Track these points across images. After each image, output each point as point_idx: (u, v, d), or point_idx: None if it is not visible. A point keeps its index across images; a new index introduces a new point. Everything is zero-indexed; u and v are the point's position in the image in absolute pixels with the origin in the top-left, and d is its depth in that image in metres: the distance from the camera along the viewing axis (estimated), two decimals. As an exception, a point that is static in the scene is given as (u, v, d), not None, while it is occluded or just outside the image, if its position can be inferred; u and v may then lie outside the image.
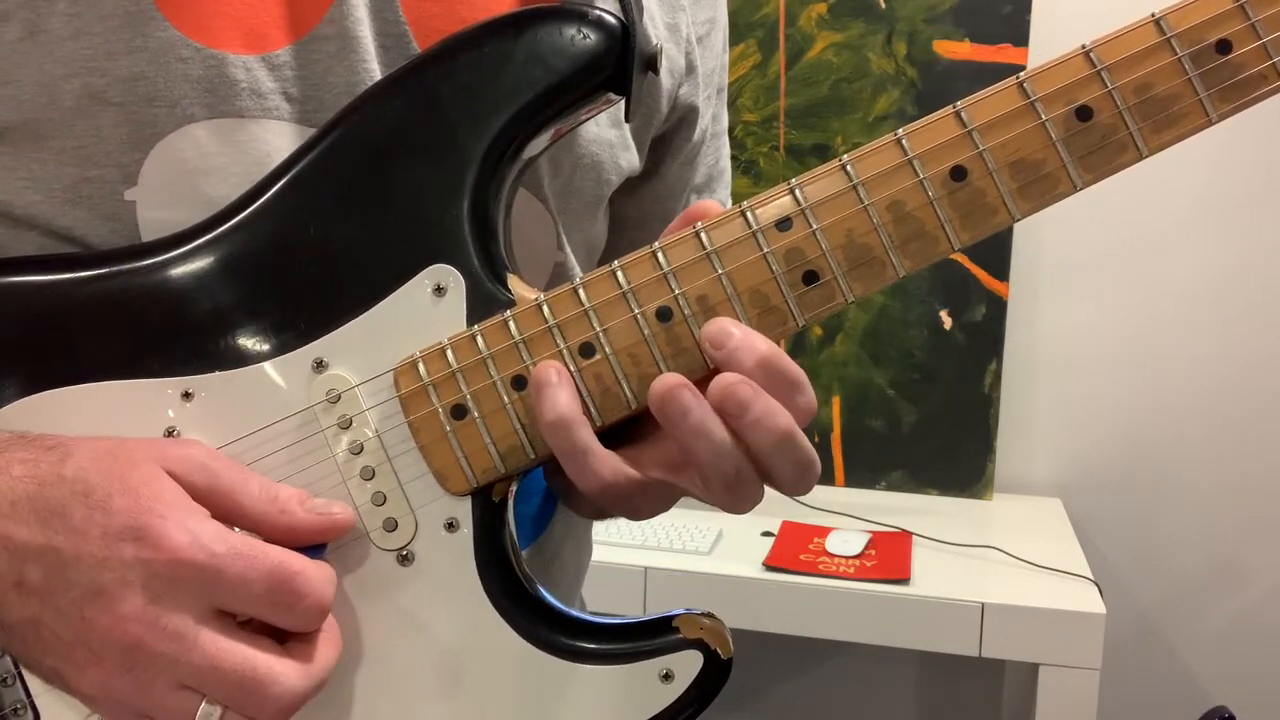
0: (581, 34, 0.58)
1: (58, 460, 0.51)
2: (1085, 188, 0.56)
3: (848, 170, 0.56)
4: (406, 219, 0.58)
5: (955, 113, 0.55)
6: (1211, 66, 0.54)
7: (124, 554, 0.49)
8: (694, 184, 0.82)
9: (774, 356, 0.54)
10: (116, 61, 0.57)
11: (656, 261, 0.56)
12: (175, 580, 0.49)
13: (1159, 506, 2.01)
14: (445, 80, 0.58)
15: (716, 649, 0.56)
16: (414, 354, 0.57)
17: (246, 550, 0.50)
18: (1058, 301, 2.03)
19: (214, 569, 0.49)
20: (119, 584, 0.49)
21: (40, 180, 0.59)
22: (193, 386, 0.57)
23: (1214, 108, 0.55)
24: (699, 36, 0.76)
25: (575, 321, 0.56)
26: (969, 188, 0.55)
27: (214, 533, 0.50)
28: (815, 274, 0.56)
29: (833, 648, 2.06)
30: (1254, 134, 1.90)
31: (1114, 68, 0.55)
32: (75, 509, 0.50)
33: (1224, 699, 1.90)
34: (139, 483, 0.50)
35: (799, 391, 0.54)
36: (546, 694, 0.57)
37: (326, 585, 0.52)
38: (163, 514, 0.49)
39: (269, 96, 0.59)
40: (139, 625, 0.49)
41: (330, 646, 0.53)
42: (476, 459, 0.56)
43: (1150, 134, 0.55)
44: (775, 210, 0.56)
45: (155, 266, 0.58)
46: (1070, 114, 0.55)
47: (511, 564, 0.58)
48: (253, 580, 0.50)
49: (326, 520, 0.54)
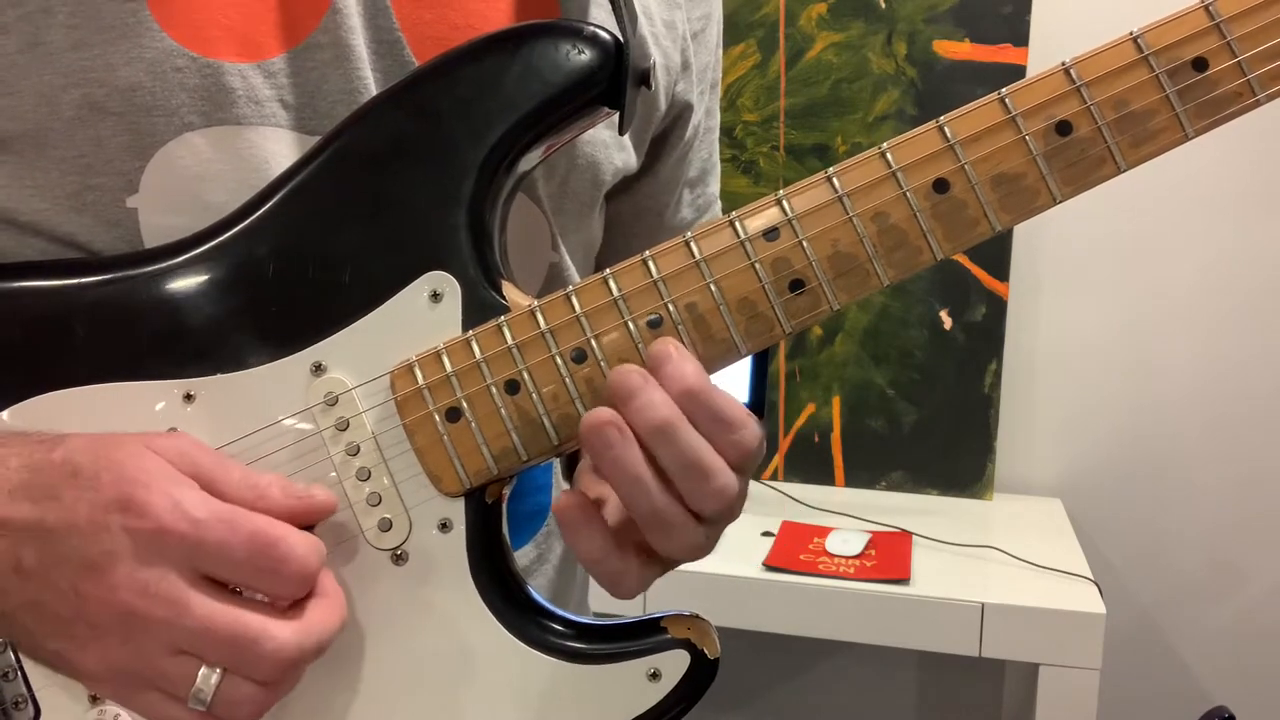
0: (577, 49, 0.59)
1: (48, 448, 0.53)
2: (1065, 200, 0.57)
3: (833, 182, 0.57)
4: (404, 227, 0.59)
5: (938, 127, 0.57)
6: (1188, 84, 0.56)
7: (111, 525, 0.50)
8: (687, 178, 0.83)
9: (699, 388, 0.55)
10: (115, 72, 0.58)
11: (647, 269, 0.57)
12: (161, 547, 0.50)
13: (1159, 506, 2.01)
14: (444, 93, 0.60)
15: (703, 648, 0.58)
16: (410, 358, 0.58)
17: (228, 516, 0.51)
18: (1058, 301, 2.03)
19: (196, 535, 0.50)
20: (108, 555, 0.50)
21: (43, 188, 0.60)
22: (194, 388, 0.58)
23: (1190, 124, 0.56)
24: (694, 32, 0.77)
25: (567, 327, 0.57)
26: (951, 200, 0.57)
27: (196, 500, 0.51)
28: (801, 282, 0.57)
29: (833, 648, 2.06)
30: (1254, 135, 1.90)
31: (1093, 84, 0.56)
32: (65, 489, 0.51)
33: (1224, 699, 1.90)
34: (124, 458, 0.52)
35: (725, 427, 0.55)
36: (536, 692, 0.58)
37: (310, 552, 0.53)
38: (146, 483, 0.51)
39: (265, 104, 0.60)
40: (129, 593, 0.50)
41: (328, 611, 0.54)
42: (470, 460, 0.57)
43: (1128, 149, 0.57)
44: (763, 220, 0.57)
45: (158, 272, 0.59)
46: (1050, 129, 0.56)
47: (504, 564, 0.59)
48: (234, 545, 0.51)
49: (305, 503, 0.55)
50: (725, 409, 0.55)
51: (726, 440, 0.55)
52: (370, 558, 0.58)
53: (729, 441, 0.55)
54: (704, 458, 0.54)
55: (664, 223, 0.82)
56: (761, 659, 2.14)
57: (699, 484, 0.54)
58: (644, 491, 0.54)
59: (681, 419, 0.54)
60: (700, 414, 0.54)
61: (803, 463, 2.09)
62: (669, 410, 0.54)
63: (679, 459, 0.54)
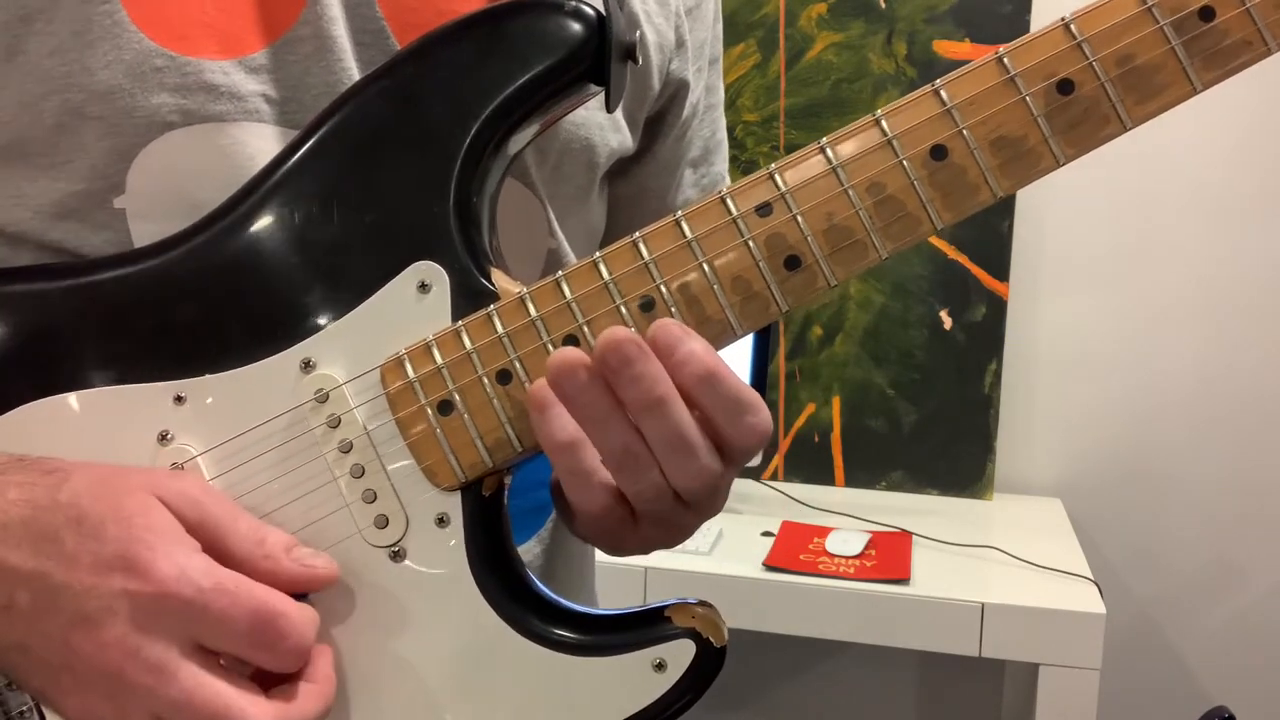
0: (559, 25, 0.58)
1: (54, 485, 0.52)
2: (1068, 162, 0.55)
3: (827, 153, 0.55)
4: (390, 217, 0.58)
5: (934, 91, 0.55)
6: (1195, 34, 0.54)
7: (112, 583, 0.49)
8: (689, 158, 0.81)
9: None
10: (93, 76, 0.57)
11: (638, 251, 0.56)
12: (159, 612, 0.49)
13: (1159, 506, 2.01)
14: (425, 77, 0.59)
15: (710, 637, 0.56)
16: (399, 351, 0.57)
17: (232, 587, 0.50)
18: (1058, 301, 2.02)
19: (199, 604, 0.49)
20: (105, 612, 0.49)
21: (29, 197, 0.59)
22: (184, 390, 0.57)
23: (1198, 76, 0.54)
24: (689, 9, 0.76)
25: (558, 314, 0.56)
26: (950, 167, 0.55)
27: (202, 567, 0.50)
28: (797, 259, 0.55)
29: (833, 648, 2.06)
30: (1254, 134, 1.90)
31: (1095, 39, 0.54)
32: (68, 535, 0.50)
33: (1224, 699, 1.90)
34: (132, 511, 0.51)
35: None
36: (540, 686, 0.57)
37: (308, 628, 0.52)
38: (152, 545, 0.50)
39: (248, 99, 0.60)
40: (120, 654, 0.49)
41: (313, 700, 0.53)
42: (464, 453, 0.57)
43: (1133, 105, 0.54)
44: (755, 196, 0.56)
45: (142, 273, 0.58)
46: (1051, 88, 0.54)
47: (504, 557, 0.58)
48: (236, 618, 0.50)
49: (308, 572, 0.54)
50: (742, 392, 0.53)
51: (747, 424, 0.53)
52: (367, 555, 0.57)
53: (749, 425, 0.53)
54: (691, 434, 0.53)
55: (667, 205, 0.80)
56: (761, 659, 2.14)
57: (682, 460, 0.53)
58: (615, 427, 0.53)
59: (675, 396, 0.52)
60: (719, 398, 0.53)
61: (803, 463, 2.09)
62: (665, 388, 0.52)
63: (665, 434, 0.53)
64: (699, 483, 0.54)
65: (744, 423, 0.53)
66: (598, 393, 0.53)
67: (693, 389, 0.53)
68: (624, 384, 0.52)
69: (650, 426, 0.53)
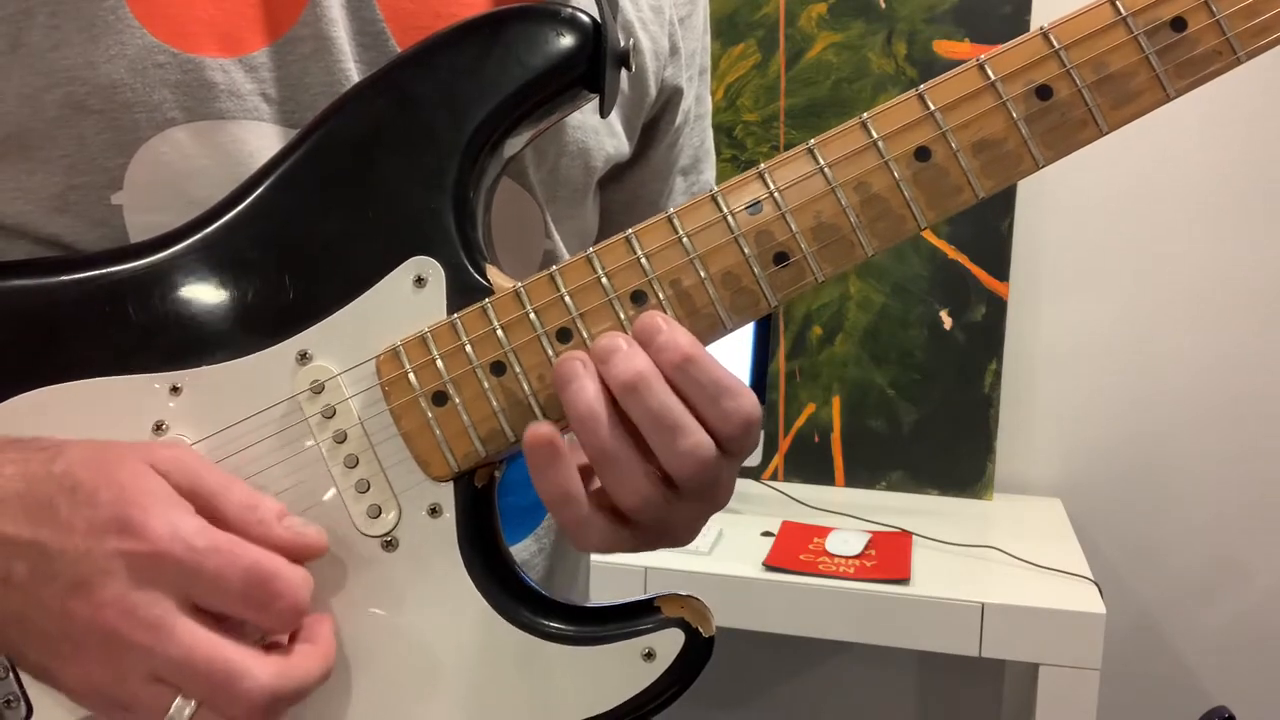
0: (555, 32, 0.60)
1: (48, 459, 0.52)
2: (1047, 164, 0.57)
3: (814, 154, 0.57)
4: (388, 213, 0.59)
5: (918, 95, 0.57)
6: (1168, 44, 0.56)
7: (107, 546, 0.50)
8: (680, 166, 0.83)
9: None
10: (96, 70, 0.58)
11: (630, 247, 0.57)
12: (155, 571, 0.49)
13: (1159, 506, 2.01)
14: (425, 79, 0.60)
15: (698, 627, 0.57)
16: (395, 342, 0.58)
17: (226, 546, 0.51)
18: (1058, 301, 2.02)
19: (193, 562, 0.50)
20: (100, 574, 0.49)
21: (28, 190, 0.60)
22: (180, 381, 0.58)
23: (1171, 84, 0.56)
24: (682, 17, 0.77)
25: (552, 307, 0.57)
26: (933, 167, 0.57)
27: (195, 527, 0.51)
28: (785, 254, 0.57)
29: (833, 648, 2.06)
30: (1254, 134, 1.90)
31: (1071, 47, 0.56)
32: (62, 503, 0.50)
33: (1224, 699, 1.90)
34: (125, 478, 0.51)
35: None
36: (529, 675, 0.57)
37: (303, 589, 0.52)
38: (146, 506, 0.50)
39: (248, 98, 0.60)
40: (116, 614, 0.49)
41: (313, 658, 0.53)
42: (457, 443, 0.57)
43: (1109, 110, 0.56)
44: (745, 194, 0.57)
45: (141, 267, 0.59)
46: (1030, 93, 0.56)
47: (495, 549, 0.59)
48: (230, 576, 0.50)
49: (300, 539, 0.54)
50: (722, 377, 0.54)
51: (726, 408, 0.54)
52: (360, 545, 0.58)
53: (728, 409, 0.54)
54: (674, 412, 0.53)
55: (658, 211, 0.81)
56: (761, 659, 2.14)
57: (669, 439, 0.53)
58: (597, 427, 0.53)
59: (656, 375, 0.53)
60: (696, 382, 0.53)
61: (803, 463, 2.09)
62: (644, 365, 0.53)
63: (649, 414, 0.53)
64: (691, 465, 0.54)
65: (723, 407, 0.54)
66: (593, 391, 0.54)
67: (672, 374, 0.53)
68: (611, 372, 0.53)
69: (633, 406, 0.53)
